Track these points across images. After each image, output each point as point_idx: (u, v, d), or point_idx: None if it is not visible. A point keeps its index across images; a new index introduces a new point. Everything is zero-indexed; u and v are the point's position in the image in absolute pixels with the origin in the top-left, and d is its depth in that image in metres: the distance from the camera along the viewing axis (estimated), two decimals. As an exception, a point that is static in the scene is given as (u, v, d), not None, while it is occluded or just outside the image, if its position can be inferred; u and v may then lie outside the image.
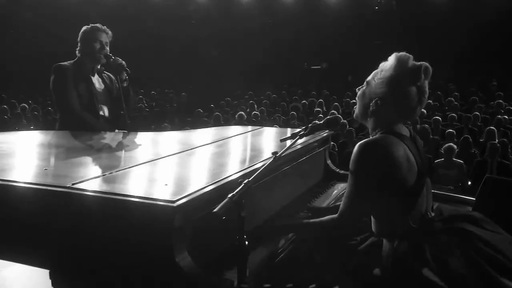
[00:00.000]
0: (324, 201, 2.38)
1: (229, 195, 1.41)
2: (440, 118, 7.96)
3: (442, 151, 6.06)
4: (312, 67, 14.35)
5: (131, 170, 1.88)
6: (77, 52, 3.31)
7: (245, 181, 1.49)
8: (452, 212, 1.87)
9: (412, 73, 1.67)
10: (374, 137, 1.74)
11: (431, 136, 7.17)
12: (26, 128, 8.80)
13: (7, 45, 13.51)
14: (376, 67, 1.76)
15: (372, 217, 1.80)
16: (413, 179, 1.68)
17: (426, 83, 1.70)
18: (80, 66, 3.25)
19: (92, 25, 3.31)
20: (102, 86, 3.39)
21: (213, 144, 2.48)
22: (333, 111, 9.19)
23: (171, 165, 2.06)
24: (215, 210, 1.34)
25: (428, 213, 1.76)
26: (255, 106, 10.42)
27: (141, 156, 2.15)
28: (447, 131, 6.95)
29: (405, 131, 1.78)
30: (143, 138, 2.78)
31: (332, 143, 6.78)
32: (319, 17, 14.40)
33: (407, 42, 13.15)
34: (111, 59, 3.25)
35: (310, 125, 1.93)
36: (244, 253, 1.50)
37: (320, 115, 8.73)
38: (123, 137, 2.78)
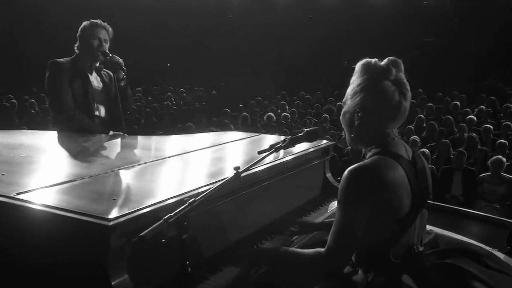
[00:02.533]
0: (316, 219, 2.26)
1: (165, 217, 1.33)
2: (491, 127, 7.49)
3: (490, 164, 5.69)
4: (353, 66, 13.95)
5: (91, 180, 1.84)
6: (75, 48, 3.33)
7: (190, 201, 1.41)
8: (450, 245, 1.72)
9: (381, 69, 1.61)
10: (366, 160, 1.61)
11: (479, 146, 6.77)
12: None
13: (42, 43, 14.26)
14: (427, 66, 1.67)
15: None
16: (405, 210, 1.54)
17: (401, 75, 1.63)
18: (77, 63, 3.26)
19: (92, 20, 3.31)
20: (101, 85, 3.38)
21: (199, 151, 2.40)
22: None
23: (137, 175, 2.00)
24: (141, 234, 1.25)
25: (415, 247, 1.60)
26: (287, 107, 10.28)
27: (111, 164, 2.12)
28: (498, 141, 6.54)
29: (403, 151, 1.63)
30: (129, 143, 2.75)
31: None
32: (362, 12, 14.02)
33: (462, 39, 12.53)
34: (108, 57, 3.25)
35: (290, 136, 1.86)
36: (186, 282, 1.42)
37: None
38: (106, 141, 2.76)
